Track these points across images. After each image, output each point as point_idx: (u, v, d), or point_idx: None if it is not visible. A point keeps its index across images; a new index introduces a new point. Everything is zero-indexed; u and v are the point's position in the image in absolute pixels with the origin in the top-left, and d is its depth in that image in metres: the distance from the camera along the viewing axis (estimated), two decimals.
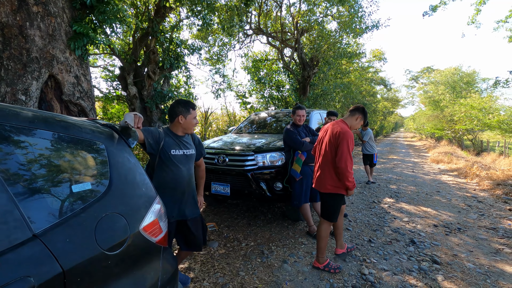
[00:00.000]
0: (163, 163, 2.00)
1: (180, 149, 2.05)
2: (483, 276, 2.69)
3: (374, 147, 7.10)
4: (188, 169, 2.11)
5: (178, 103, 2.04)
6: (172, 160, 2.00)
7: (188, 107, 2.05)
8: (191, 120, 2.06)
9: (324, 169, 2.61)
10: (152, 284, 1.24)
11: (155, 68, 5.52)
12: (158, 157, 1.98)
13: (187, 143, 2.13)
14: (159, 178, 2.01)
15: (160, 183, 2.00)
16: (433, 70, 29.49)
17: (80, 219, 1.02)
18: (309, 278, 2.62)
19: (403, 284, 2.54)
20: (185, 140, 2.12)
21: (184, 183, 2.06)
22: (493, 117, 10.82)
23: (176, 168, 2.02)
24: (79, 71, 3.37)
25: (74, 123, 1.20)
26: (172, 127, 2.09)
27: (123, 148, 1.34)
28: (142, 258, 1.24)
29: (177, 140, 2.07)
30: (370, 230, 3.86)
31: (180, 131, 2.09)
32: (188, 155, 2.10)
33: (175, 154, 2.02)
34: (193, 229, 2.13)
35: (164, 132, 2.04)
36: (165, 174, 2.00)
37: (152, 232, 1.30)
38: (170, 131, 2.08)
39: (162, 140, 1.98)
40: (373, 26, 9.42)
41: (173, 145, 2.02)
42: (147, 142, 1.90)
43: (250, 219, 4.17)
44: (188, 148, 2.12)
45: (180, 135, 2.10)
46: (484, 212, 4.74)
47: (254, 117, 5.84)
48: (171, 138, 2.04)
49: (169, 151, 1.99)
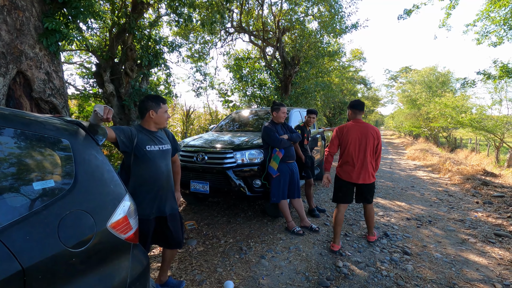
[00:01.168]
0: (139, 161, 1.96)
1: (155, 145, 2.02)
2: (449, 265, 2.85)
3: None
4: (166, 164, 2.08)
5: (147, 98, 2.03)
6: (148, 156, 1.97)
7: (158, 101, 2.03)
8: (162, 114, 2.04)
9: (368, 164, 3.07)
10: (120, 281, 1.24)
11: (133, 65, 5.41)
12: (133, 155, 1.95)
13: (161, 138, 2.10)
14: (137, 176, 1.97)
15: (138, 181, 1.97)
16: (411, 70, 30.57)
17: (42, 216, 1.01)
18: (286, 272, 2.68)
19: (375, 274, 2.65)
20: (159, 135, 2.09)
21: (162, 179, 2.03)
22: (465, 116, 11.37)
23: (153, 164, 1.98)
24: (50, 68, 3.26)
25: (35, 119, 1.18)
26: (144, 123, 2.06)
27: (90, 145, 1.32)
28: (110, 255, 1.24)
29: (151, 136, 2.04)
30: (347, 224, 3.98)
31: (153, 126, 2.06)
32: (164, 150, 2.07)
33: (150, 150, 1.98)
34: (172, 225, 2.10)
35: (137, 129, 2.01)
36: (142, 171, 1.97)
37: (120, 229, 1.29)
38: (143, 128, 2.05)
39: (135, 137, 1.94)
40: (352, 27, 9.64)
41: (147, 141, 1.99)
42: (119, 140, 1.87)
43: (230, 217, 4.19)
44: (163, 144, 2.09)
45: (153, 131, 2.07)
46: (453, 205, 5.00)
47: (235, 115, 5.85)
48: (144, 135, 2.01)
49: (144, 147, 1.96)
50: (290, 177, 3.63)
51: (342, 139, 3.16)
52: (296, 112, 5.49)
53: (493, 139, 12.47)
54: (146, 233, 1.98)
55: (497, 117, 12.19)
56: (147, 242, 2.01)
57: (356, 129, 3.09)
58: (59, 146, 1.19)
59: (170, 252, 2.27)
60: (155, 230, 2.09)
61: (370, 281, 2.54)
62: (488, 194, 5.53)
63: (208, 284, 2.46)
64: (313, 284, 2.49)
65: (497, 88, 12.75)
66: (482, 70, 8.21)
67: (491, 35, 8.53)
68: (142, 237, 1.96)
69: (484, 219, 4.22)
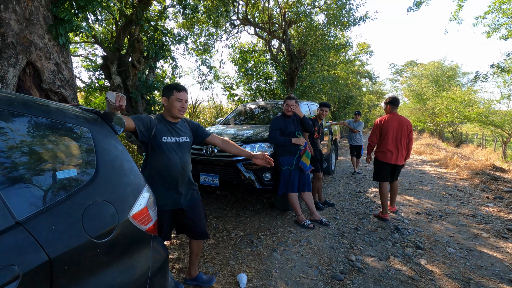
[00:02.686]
0: (154, 151, 1.94)
1: (172, 136, 1.97)
2: (463, 260, 2.82)
3: (362, 138, 7.21)
4: (181, 157, 2.01)
5: (164, 87, 2.01)
6: (162, 148, 1.93)
7: (172, 88, 1.97)
8: (174, 102, 1.96)
9: (402, 149, 3.81)
10: (142, 273, 1.22)
11: (140, 57, 5.35)
12: (150, 145, 1.92)
13: (180, 130, 2.05)
14: (152, 166, 1.95)
15: (153, 171, 1.95)
16: (417, 64, 30.20)
17: (66, 206, 0.98)
18: (298, 265, 2.66)
19: (389, 268, 2.63)
20: (178, 127, 2.04)
21: (176, 171, 1.98)
22: (472, 110, 11.22)
23: (166, 156, 1.94)
24: (59, 58, 3.23)
25: (56, 107, 1.14)
26: (163, 113, 2.05)
27: (110, 134, 1.29)
28: (131, 246, 1.21)
29: (170, 127, 2.00)
30: (357, 218, 3.95)
31: (169, 115, 2.02)
32: (180, 143, 2.02)
33: (166, 141, 1.94)
34: (191, 216, 2.07)
35: (157, 119, 1.98)
36: (157, 162, 1.94)
37: (141, 221, 1.27)
38: (163, 118, 2.02)
39: (154, 127, 1.91)
40: (361, 19, 9.46)
41: (164, 132, 1.96)
42: (138, 129, 1.83)
43: (239, 210, 4.18)
44: (181, 136, 2.03)
45: (172, 122, 2.03)
46: (463, 200, 4.94)
47: (241, 108, 5.80)
48: (163, 125, 1.98)
49: (160, 138, 1.92)
50: (300, 170, 3.59)
51: (382, 129, 3.86)
52: (304, 105, 5.43)
53: (500, 134, 12.32)
54: (160, 224, 1.96)
55: (505, 112, 12.02)
56: (161, 233, 1.99)
57: (394, 120, 3.82)
58: (80, 135, 1.16)
59: (196, 243, 2.23)
60: (176, 221, 2.08)
61: (384, 275, 2.52)
62: (498, 189, 5.46)
63: (221, 277, 2.46)
64: (326, 278, 2.47)
65: (506, 82, 12.55)
66: (496, 63, 8.03)
67: (502, 27, 8.35)
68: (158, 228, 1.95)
69: (496, 214, 4.17)
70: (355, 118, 7.22)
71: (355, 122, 7.20)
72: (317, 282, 2.40)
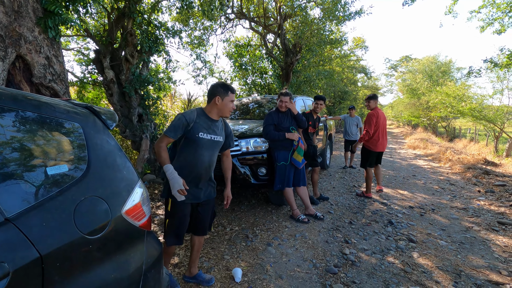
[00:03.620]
0: (188, 144, 1.96)
1: (208, 134, 1.98)
2: (454, 252, 2.87)
3: (358, 134, 7.23)
4: (211, 155, 2.03)
5: (218, 84, 2.00)
6: (197, 143, 1.95)
7: (227, 89, 2.00)
8: (228, 103, 2.00)
9: (386, 138, 4.52)
10: (136, 268, 1.22)
11: (133, 51, 5.27)
12: (184, 137, 1.96)
13: (218, 129, 2.06)
14: (181, 156, 1.98)
15: (181, 162, 1.97)
16: (411, 59, 30.29)
17: (57, 202, 0.97)
18: (293, 259, 2.68)
19: (382, 261, 2.66)
20: (216, 125, 2.05)
21: (202, 168, 1.99)
22: (465, 105, 11.33)
23: (198, 151, 1.96)
24: (50, 52, 3.16)
25: (46, 102, 1.12)
26: (207, 109, 2.03)
27: (102, 129, 1.27)
28: (125, 242, 1.20)
29: (209, 123, 2.01)
30: (351, 212, 3.99)
31: (215, 113, 2.03)
32: (215, 141, 2.03)
33: (202, 137, 1.95)
34: (202, 210, 2.10)
35: (197, 113, 1.98)
36: (187, 154, 1.97)
37: (135, 216, 1.26)
38: (204, 113, 2.02)
39: (192, 121, 1.93)
40: (356, 13, 9.44)
41: (202, 128, 1.96)
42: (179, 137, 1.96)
43: (234, 205, 4.19)
44: (217, 135, 2.04)
45: (214, 119, 2.03)
46: (456, 193, 5.02)
47: (237, 103, 5.77)
48: (203, 121, 1.98)
49: (197, 133, 1.94)
50: (294, 166, 3.60)
51: (377, 122, 4.35)
52: (300, 100, 5.42)
53: (493, 128, 12.49)
54: (182, 216, 1.99)
55: (497, 107, 12.17)
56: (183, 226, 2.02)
57: (381, 114, 4.44)
58: (71, 130, 1.14)
59: (197, 239, 2.22)
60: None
61: (378, 268, 2.55)
62: (490, 183, 5.55)
63: (216, 271, 2.47)
64: (321, 271, 2.50)
65: (499, 78, 12.68)
66: (489, 58, 8.10)
67: (495, 21, 8.40)
68: (178, 220, 1.99)
69: (487, 208, 4.24)
70: (350, 113, 7.23)
71: (352, 117, 7.20)
72: (311, 276, 2.42)
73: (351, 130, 7.17)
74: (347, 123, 7.22)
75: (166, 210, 2.03)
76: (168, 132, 1.89)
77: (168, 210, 2.00)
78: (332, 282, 2.33)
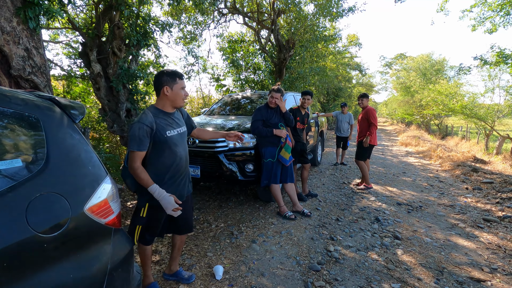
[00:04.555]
0: (159, 148, 1.78)
1: (174, 129, 1.84)
2: (438, 249, 2.88)
3: (349, 130, 7.21)
4: (184, 148, 1.93)
5: (162, 73, 1.78)
6: (169, 143, 1.79)
7: (174, 76, 1.80)
8: (179, 91, 1.81)
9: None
10: (100, 268, 1.17)
11: (121, 44, 5.16)
12: (151, 143, 1.76)
13: (178, 120, 1.92)
14: (157, 164, 1.80)
15: (160, 169, 1.80)
16: (406, 57, 30.40)
17: (7, 198, 0.91)
18: (277, 256, 2.66)
19: (366, 258, 2.65)
20: (176, 117, 1.90)
21: (183, 164, 1.90)
22: (456, 103, 11.40)
23: (173, 151, 1.82)
24: (29, 43, 3.06)
25: (1, 92, 1.06)
26: (159, 103, 1.84)
27: (65, 122, 1.21)
28: (88, 240, 1.16)
29: (170, 118, 1.85)
30: (339, 209, 3.98)
31: (169, 106, 1.85)
32: (182, 133, 1.91)
33: (171, 135, 1.80)
34: (185, 211, 1.97)
35: (153, 113, 1.78)
36: (164, 159, 1.80)
37: (100, 213, 1.21)
38: (159, 110, 1.83)
39: (153, 125, 1.73)
40: (349, 10, 9.39)
41: (167, 126, 1.80)
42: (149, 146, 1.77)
43: (222, 201, 4.15)
44: (181, 126, 1.91)
45: (171, 112, 1.87)
46: (444, 191, 5.05)
47: (227, 99, 5.71)
48: (163, 118, 1.81)
49: (164, 133, 1.77)
50: (282, 163, 3.56)
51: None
52: (290, 96, 5.38)
53: (483, 126, 12.61)
54: (160, 220, 1.90)
55: (488, 105, 12.28)
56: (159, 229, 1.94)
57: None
58: (28, 123, 1.08)
59: (179, 238, 2.14)
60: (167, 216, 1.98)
61: (361, 265, 2.54)
62: (478, 180, 5.60)
63: (198, 269, 2.43)
64: (303, 268, 2.48)
65: (490, 76, 12.78)
66: (479, 56, 8.13)
67: (487, 21, 8.42)
68: (156, 224, 1.90)
69: (474, 205, 4.27)
70: (343, 110, 7.21)
71: (344, 114, 7.18)
72: (293, 273, 2.40)
73: (343, 127, 7.15)
74: (339, 120, 7.20)
75: (137, 216, 1.84)
76: (136, 147, 1.68)
77: (141, 216, 1.83)
78: (314, 279, 2.32)
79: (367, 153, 4.90)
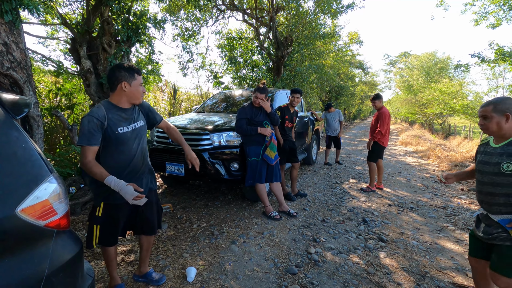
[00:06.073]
0: (111, 144, 1.72)
1: (128, 125, 1.77)
2: (424, 253, 2.78)
3: (338, 129, 7.12)
4: (139, 143, 1.85)
5: (119, 67, 1.71)
6: (120, 139, 1.72)
7: (133, 71, 1.73)
8: (138, 87, 1.75)
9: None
10: (34, 273, 1.10)
11: (111, 40, 5.10)
12: (102, 140, 1.69)
13: (134, 114, 1.84)
14: (108, 161, 1.73)
15: (111, 166, 1.72)
16: (410, 55, 30.05)
17: None
18: (254, 258, 2.58)
19: (346, 261, 2.57)
20: (131, 112, 1.82)
21: (136, 160, 1.82)
22: (457, 102, 11.20)
23: (126, 147, 1.76)
24: (8, 38, 3.00)
25: None
26: (114, 98, 1.77)
27: (2, 119, 1.15)
28: (19, 244, 1.09)
29: (124, 114, 1.77)
30: (327, 210, 3.89)
31: (125, 102, 1.77)
32: (137, 129, 1.82)
33: (123, 132, 1.73)
34: (146, 210, 1.92)
35: (106, 108, 1.71)
36: (115, 156, 1.75)
37: (37, 215, 1.14)
38: (112, 105, 1.75)
39: (104, 120, 1.66)
40: (348, 7, 9.26)
41: (119, 122, 1.73)
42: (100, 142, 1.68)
43: (209, 200, 4.09)
44: (137, 121, 1.83)
45: (127, 108, 1.79)
46: (438, 192, 4.93)
47: (218, 96, 5.64)
48: (115, 114, 1.73)
49: (115, 130, 1.70)
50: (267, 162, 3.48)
51: (388, 122, 4.63)
52: (282, 94, 5.29)
53: None
54: (118, 219, 1.83)
55: None
56: (118, 228, 1.86)
57: (388, 113, 4.68)
58: None
59: (145, 239, 2.06)
60: (129, 214, 1.90)
61: (340, 268, 2.46)
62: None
63: (171, 270, 2.37)
64: (280, 271, 2.40)
65: (495, 74, 12.54)
66: (477, 53, 7.92)
67: (490, 15, 8.21)
68: (114, 223, 1.83)
69: (467, 206, 4.16)
70: (329, 111, 7.15)
71: (332, 113, 7.09)
72: (269, 276, 2.33)
73: (334, 125, 7.07)
74: (329, 119, 7.11)
75: (93, 215, 1.78)
76: (86, 141, 1.60)
77: (97, 215, 1.76)
78: (289, 283, 2.24)
79: (378, 154, 4.80)
